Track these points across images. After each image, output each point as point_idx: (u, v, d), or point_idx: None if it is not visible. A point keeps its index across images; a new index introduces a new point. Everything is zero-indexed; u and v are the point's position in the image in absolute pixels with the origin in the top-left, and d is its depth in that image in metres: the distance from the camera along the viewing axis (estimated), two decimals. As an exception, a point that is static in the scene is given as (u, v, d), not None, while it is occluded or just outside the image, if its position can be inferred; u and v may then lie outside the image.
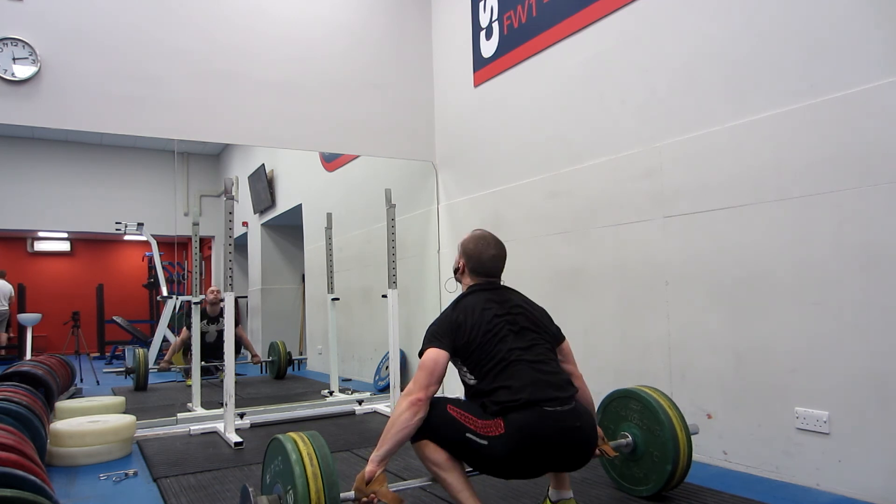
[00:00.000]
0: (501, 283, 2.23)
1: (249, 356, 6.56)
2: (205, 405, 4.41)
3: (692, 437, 2.31)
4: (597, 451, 2.12)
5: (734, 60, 2.79)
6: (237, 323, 4.52)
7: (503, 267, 2.23)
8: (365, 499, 1.83)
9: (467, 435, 1.87)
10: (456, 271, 2.28)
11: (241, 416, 3.96)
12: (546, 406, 1.87)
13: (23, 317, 5.90)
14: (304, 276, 7.56)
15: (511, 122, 4.27)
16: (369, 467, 1.86)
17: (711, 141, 2.88)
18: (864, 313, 2.31)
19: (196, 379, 4.49)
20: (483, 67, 4.51)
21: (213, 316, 6.06)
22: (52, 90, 3.75)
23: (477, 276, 2.19)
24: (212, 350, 5.80)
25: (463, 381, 2.06)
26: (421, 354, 2.00)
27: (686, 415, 2.96)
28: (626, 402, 2.42)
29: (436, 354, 1.96)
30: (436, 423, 1.91)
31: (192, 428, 3.84)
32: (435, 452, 1.91)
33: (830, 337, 2.41)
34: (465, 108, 4.75)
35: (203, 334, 5.61)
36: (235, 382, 3.75)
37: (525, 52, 4.10)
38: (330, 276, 5.27)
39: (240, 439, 3.47)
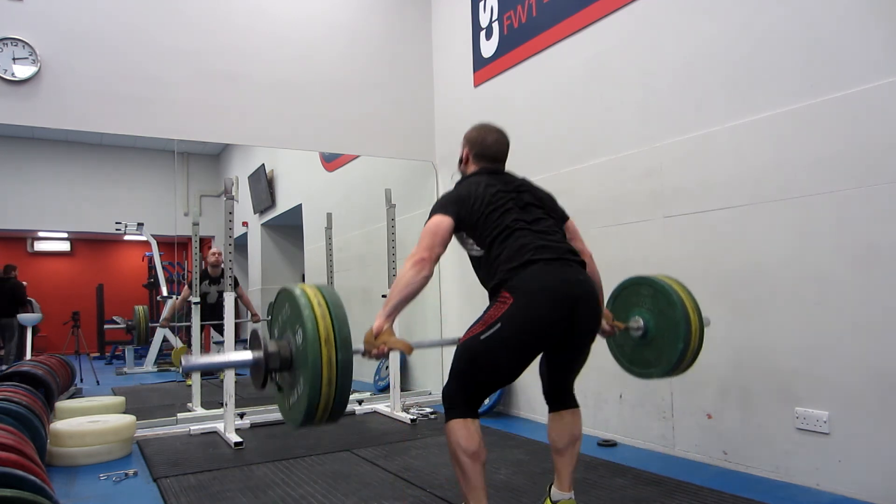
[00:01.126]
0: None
1: (249, 315, 6.50)
2: (205, 405, 4.41)
3: (705, 330, 2.25)
4: (606, 327, 2.16)
5: (734, 60, 2.79)
6: (237, 283, 4.54)
7: (507, 153, 2.22)
8: (375, 350, 1.79)
9: (482, 338, 1.84)
10: (460, 162, 2.25)
11: (241, 416, 3.96)
12: (549, 264, 1.87)
13: (23, 317, 5.90)
14: (304, 276, 7.56)
15: (511, 122, 4.23)
16: (377, 322, 1.81)
17: (711, 141, 2.88)
18: (865, 313, 2.31)
19: (196, 379, 4.50)
20: (483, 67, 4.51)
21: (214, 277, 5.85)
22: (52, 90, 3.75)
23: (481, 161, 2.17)
24: (213, 311, 5.64)
25: (470, 256, 2.05)
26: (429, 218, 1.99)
27: (686, 414, 2.97)
28: (637, 289, 2.35)
29: (439, 219, 1.95)
30: (464, 362, 1.90)
31: (192, 428, 3.83)
32: (468, 440, 1.84)
33: (830, 337, 2.41)
34: (465, 108, 4.75)
35: (205, 295, 5.54)
36: (235, 382, 3.76)
37: (525, 52, 4.10)
38: (330, 276, 5.27)
39: (240, 439, 3.47)
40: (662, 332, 2.23)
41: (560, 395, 2.12)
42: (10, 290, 6.24)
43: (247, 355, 1.62)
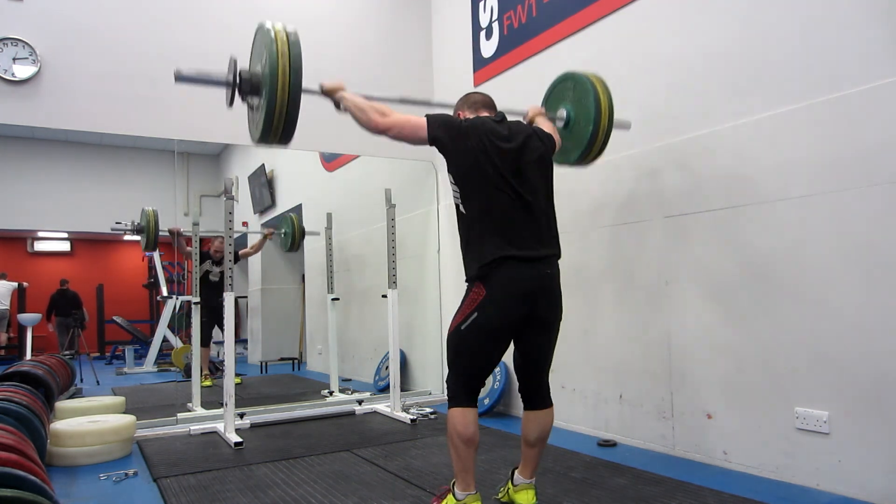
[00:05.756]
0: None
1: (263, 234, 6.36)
2: (205, 405, 4.41)
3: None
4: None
5: (734, 61, 2.79)
6: (236, 257, 4.74)
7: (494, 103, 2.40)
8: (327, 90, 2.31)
9: (462, 328, 2.07)
10: None
11: (241, 416, 3.96)
12: (521, 263, 2.06)
13: (23, 317, 5.90)
14: (303, 276, 7.56)
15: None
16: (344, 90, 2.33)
17: (711, 141, 2.88)
18: (865, 313, 2.31)
19: (196, 378, 4.50)
20: (483, 67, 4.51)
21: (217, 259, 5.79)
22: (52, 90, 3.75)
23: (480, 109, 2.35)
24: (215, 289, 5.40)
25: (455, 206, 2.19)
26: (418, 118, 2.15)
27: (686, 414, 2.98)
28: (564, 84, 2.58)
29: (423, 129, 2.15)
30: (452, 352, 2.13)
31: (192, 428, 3.83)
32: (464, 427, 2.05)
33: (830, 337, 2.41)
34: (465, 108, 4.74)
35: (207, 273, 5.56)
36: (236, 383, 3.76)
37: (525, 52, 4.10)
38: (330, 276, 5.28)
39: (240, 439, 3.47)
40: (579, 118, 2.46)
41: (535, 395, 2.27)
42: (72, 297, 7.46)
43: (225, 75, 2.03)
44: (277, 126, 1.93)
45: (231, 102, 2.11)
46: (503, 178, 2.09)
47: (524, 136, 2.20)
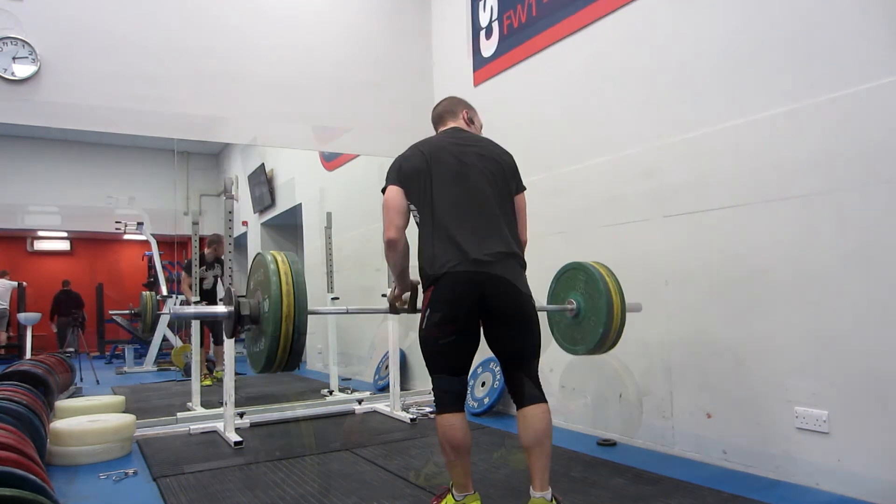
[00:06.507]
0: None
1: None
2: (204, 404, 4.41)
3: (638, 314, 2.55)
4: None
5: (734, 60, 2.79)
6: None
7: (457, 105, 2.45)
8: (398, 304, 2.34)
9: (423, 328, 2.11)
10: None
11: (241, 415, 3.96)
12: (467, 269, 2.05)
13: (23, 316, 5.90)
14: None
15: (511, 121, 4.27)
16: (398, 290, 2.30)
17: (711, 140, 2.88)
18: (864, 313, 2.31)
19: (195, 377, 4.50)
20: (483, 67, 4.51)
21: (209, 262, 5.83)
22: (52, 90, 3.74)
23: (438, 124, 2.47)
24: (209, 297, 5.57)
25: (415, 222, 2.23)
26: (384, 192, 2.23)
27: (686, 414, 2.98)
28: (575, 274, 2.59)
29: (389, 192, 2.20)
30: (423, 355, 2.14)
31: (191, 427, 3.83)
32: (452, 432, 2.05)
33: (830, 337, 2.41)
34: (465, 107, 4.75)
35: (201, 280, 5.50)
36: (235, 382, 3.75)
37: (525, 51, 4.10)
38: (329, 275, 5.27)
39: (239, 439, 3.47)
40: (590, 315, 2.47)
41: (520, 390, 2.11)
42: (75, 298, 7.72)
43: (223, 310, 2.00)
44: (278, 367, 1.90)
45: (233, 335, 2.10)
46: (447, 183, 2.15)
47: (464, 144, 2.27)
